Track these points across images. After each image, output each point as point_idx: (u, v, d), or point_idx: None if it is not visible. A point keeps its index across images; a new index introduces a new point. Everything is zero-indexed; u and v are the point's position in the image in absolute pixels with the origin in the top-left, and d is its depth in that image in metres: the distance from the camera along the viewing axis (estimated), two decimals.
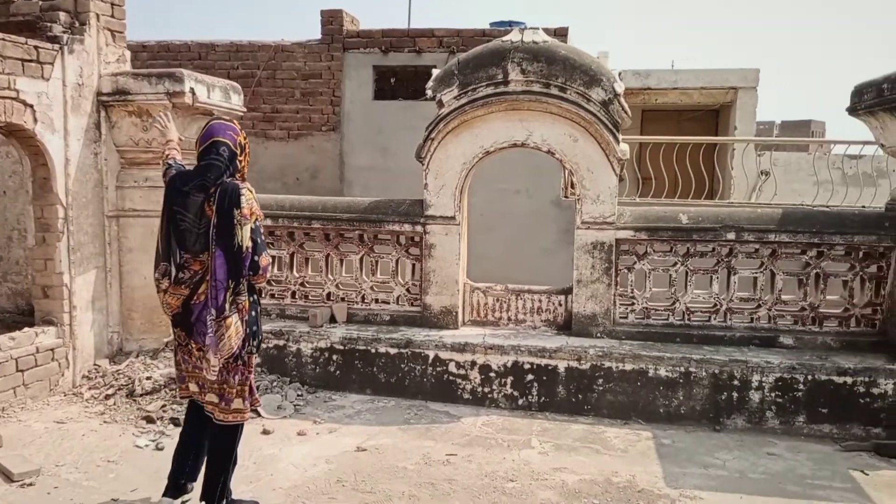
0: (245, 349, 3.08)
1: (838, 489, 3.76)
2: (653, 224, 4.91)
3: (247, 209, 2.98)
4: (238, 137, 3.11)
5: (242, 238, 2.95)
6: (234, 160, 3.06)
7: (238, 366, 3.09)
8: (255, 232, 3.01)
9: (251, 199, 3.03)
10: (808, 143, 10.19)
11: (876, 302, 4.74)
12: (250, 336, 3.10)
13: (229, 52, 8.30)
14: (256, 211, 3.05)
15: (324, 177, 8.20)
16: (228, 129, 3.13)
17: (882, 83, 4.38)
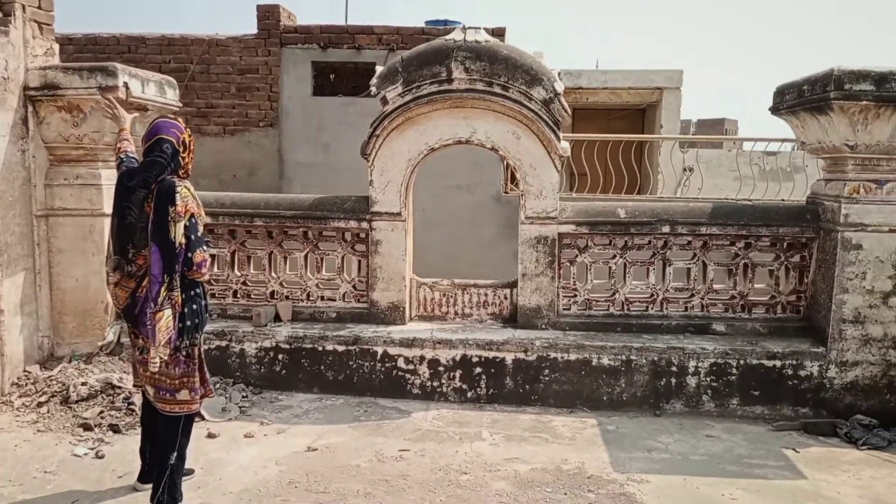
0: (184, 342, 3.16)
1: (773, 467, 4.00)
2: (593, 218, 5.07)
3: (181, 206, 3.06)
4: (182, 135, 3.21)
5: (175, 234, 3.03)
6: (176, 157, 3.16)
7: (179, 358, 3.17)
8: (190, 229, 3.09)
9: (187, 197, 3.10)
10: (738, 140, 10.66)
11: (800, 289, 5.04)
12: (191, 329, 3.17)
13: (160, 46, 8.03)
14: (192, 208, 3.12)
15: (262, 173, 8.05)
16: (173, 126, 3.23)
17: (802, 84, 4.65)
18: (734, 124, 22.66)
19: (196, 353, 3.24)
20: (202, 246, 3.14)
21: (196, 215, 3.13)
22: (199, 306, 3.21)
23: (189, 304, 3.15)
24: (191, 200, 3.11)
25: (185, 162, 3.23)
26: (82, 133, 4.87)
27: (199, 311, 3.23)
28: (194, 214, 3.12)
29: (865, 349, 4.62)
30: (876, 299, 4.58)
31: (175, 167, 3.16)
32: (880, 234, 4.52)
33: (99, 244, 5.00)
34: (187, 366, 3.20)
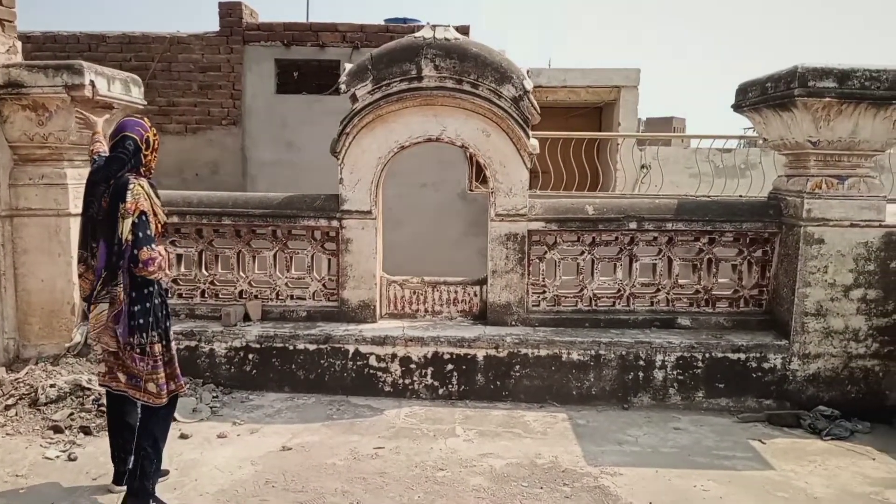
0: (136, 339, 3.15)
1: (741, 458, 4.10)
2: (562, 215, 5.12)
3: (130, 203, 3.09)
4: (146, 133, 3.27)
5: (122, 230, 3.07)
6: (137, 154, 3.21)
7: (133, 353, 3.17)
8: (139, 226, 3.09)
9: (139, 194, 3.12)
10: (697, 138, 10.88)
11: (762, 283, 5.17)
12: (143, 327, 3.15)
13: (121, 44, 7.83)
14: (143, 206, 3.12)
15: (225, 172, 7.92)
16: (137, 124, 3.30)
17: (766, 82, 4.77)
18: (682, 122, 23.11)
19: (155, 351, 3.22)
20: (150, 244, 3.11)
21: (147, 213, 3.13)
22: (151, 305, 3.18)
23: (141, 303, 3.15)
24: (142, 198, 3.12)
25: (148, 160, 3.28)
26: (48, 132, 4.73)
27: (153, 310, 3.19)
28: (145, 212, 3.12)
29: (827, 341, 4.77)
30: (837, 293, 4.73)
31: (136, 164, 3.21)
32: (841, 228, 4.67)
33: (65, 245, 4.87)
34: (145, 362, 3.19)
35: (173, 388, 3.34)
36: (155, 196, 3.27)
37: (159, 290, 3.26)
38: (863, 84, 4.38)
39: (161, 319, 3.25)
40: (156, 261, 3.12)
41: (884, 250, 4.71)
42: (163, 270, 3.21)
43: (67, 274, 4.93)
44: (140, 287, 3.16)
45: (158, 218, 3.26)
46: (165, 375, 3.27)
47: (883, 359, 4.78)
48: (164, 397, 3.27)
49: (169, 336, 3.32)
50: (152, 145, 3.30)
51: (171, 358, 3.32)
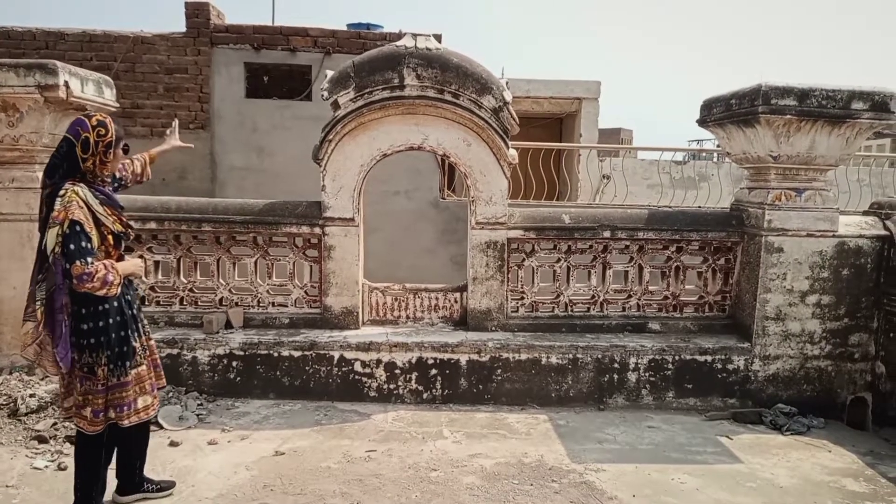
0: (84, 359, 2.94)
1: (712, 453, 4.36)
2: (540, 224, 5.31)
3: (58, 211, 2.80)
4: (85, 133, 2.91)
5: (47, 241, 2.82)
6: (71, 157, 2.89)
7: (79, 372, 2.96)
8: (70, 237, 2.78)
9: (70, 201, 2.81)
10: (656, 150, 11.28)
11: (725, 290, 5.48)
12: (94, 347, 2.94)
13: (81, 42, 7.64)
14: (75, 215, 2.80)
15: (193, 177, 7.82)
16: (77, 123, 2.96)
17: (730, 99, 5.07)
18: (629, 134, 23.82)
19: (102, 375, 2.95)
20: (84, 257, 2.77)
21: (81, 222, 2.80)
22: (105, 323, 2.93)
23: (93, 320, 2.91)
24: (75, 206, 2.80)
25: (89, 163, 2.91)
26: (18, 134, 4.64)
27: (105, 330, 2.94)
28: (77, 221, 2.79)
29: (785, 344, 5.09)
30: (795, 298, 5.06)
31: (72, 168, 2.89)
32: (799, 238, 5.01)
33: None
34: (91, 385, 2.95)
35: (112, 417, 3.02)
36: (99, 203, 2.91)
37: (120, 308, 3.00)
38: (820, 103, 4.71)
39: (113, 342, 2.96)
40: (94, 276, 2.77)
41: (836, 258, 5.06)
42: (111, 286, 2.84)
43: None
44: (91, 303, 2.90)
45: (108, 228, 2.94)
46: (104, 402, 2.97)
47: (835, 359, 5.14)
48: (97, 424, 2.98)
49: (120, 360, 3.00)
50: (94, 147, 2.90)
51: (120, 383, 3.01)
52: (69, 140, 2.91)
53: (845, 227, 5.10)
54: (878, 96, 4.73)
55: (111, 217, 2.98)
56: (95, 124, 2.95)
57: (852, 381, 5.16)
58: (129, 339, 3.04)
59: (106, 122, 2.99)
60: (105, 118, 3.02)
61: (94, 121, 2.96)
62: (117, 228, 3.00)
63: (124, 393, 3.02)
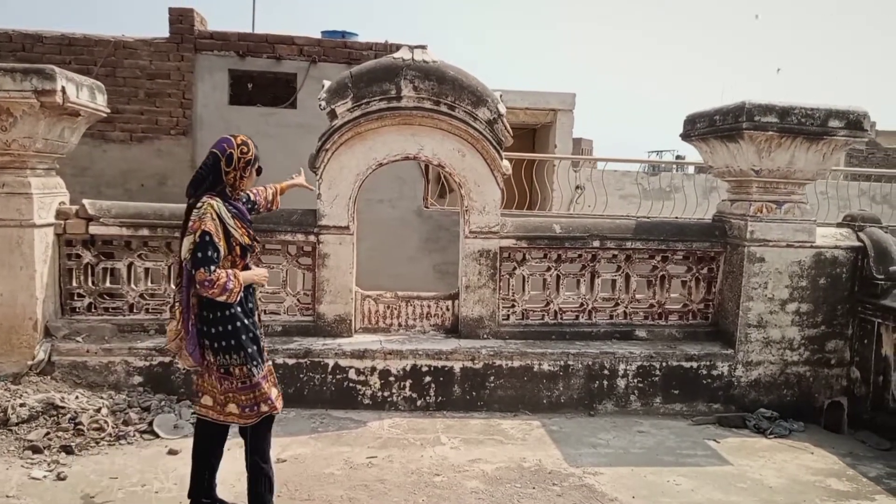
0: (218, 360, 3.14)
1: (702, 455, 4.51)
2: (531, 233, 5.41)
3: (192, 222, 3.04)
4: (230, 150, 3.14)
5: (182, 249, 3.06)
6: (216, 170, 3.12)
7: (219, 373, 3.16)
8: (199, 246, 3.00)
9: (205, 213, 3.03)
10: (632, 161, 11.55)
11: (708, 298, 5.66)
12: (225, 350, 3.11)
13: (60, 46, 7.50)
14: (207, 226, 3.00)
15: (173, 183, 7.72)
16: (223, 141, 3.19)
17: (714, 115, 5.27)
18: (589, 143, 24.26)
19: (240, 374, 3.14)
20: (208, 265, 2.97)
21: (210, 233, 3.00)
22: (233, 327, 3.10)
23: (218, 325, 3.09)
24: (208, 218, 3.01)
25: (230, 177, 3.15)
26: (11, 138, 4.55)
27: (234, 333, 3.10)
28: (208, 232, 2.99)
29: (767, 350, 5.29)
30: (775, 306, 5.27)
31: (216, 182, 3.12)
32: (779, 248, 5.22)
33: (28, 257, 4.69)
34: (230, 383, 3.16)
35: (265, 410, 3.25)
36: (231, 217, 3.11)
37: (245, 313, 3.17)
38: (800, 120, 4.94)
39: (242, 344, 3.13)
40: (215, 283, 2.96)
41: (814, 268, 5.29)
42: (231, 293, 3.02)
43: (30, 288, 4.75)
44: (219, 309, 3.08)
45: (236, 240, 3.13)
46: (253, 398, 3.19)
47: (813, 365, 5.36)
48: (247, 418, 3.21)
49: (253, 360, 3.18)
50: (236, 163, 3.14)
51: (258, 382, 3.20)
52: (215, 154, 3.14)
53: (822, 239, 5.34)
54: (853, 115, 4.98)
55: (240, 230, 3.18)
56: (240, 143, 3.20)
57: (829, 385, 5.38)
58: (257, 339, 3.25)
59: (248, 142, 3.23)
60: (247, 139, 3.25)
61: (238, 140, 3.21)
62: (244, 241, 3.21)
63: (263, 390, 3.23)
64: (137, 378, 4.91)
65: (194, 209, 3.06)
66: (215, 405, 3.24)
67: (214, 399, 3.23)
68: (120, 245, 5.20)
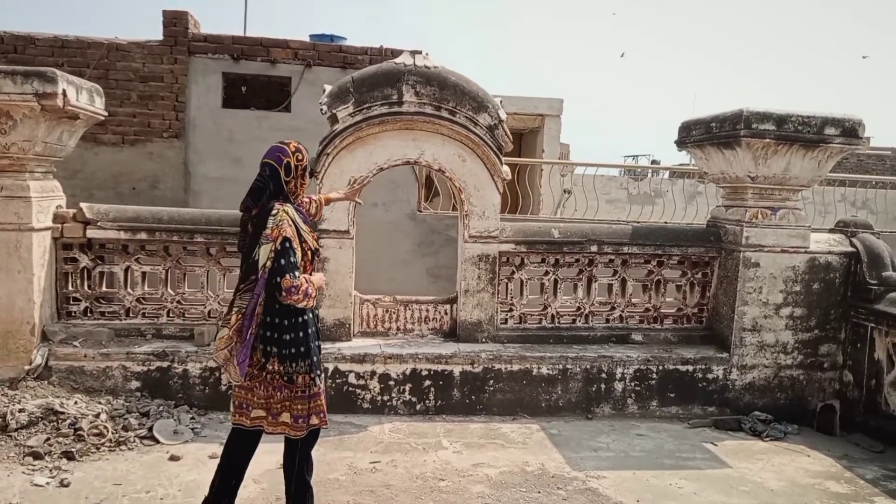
0: (287, 369, 3.08)
1: (700, 459, 4.56)
2: (530, 238, 5.45)
3: (270, 229, 2.99)
4: (287, 159, 3.13)
5: (260, 257, 2.98)
6: (276, 180, 3.09)
7: (281, 381, 3.10)
8: (281, 253, 2.97)
9: (282, 220, 3.00)
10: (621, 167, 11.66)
11: (703, 302, 5.73)
12: (294, 357, 3.08)
13: (52, 48, 7.42)
14: (287, 232, 2.99)
15: (165, 186, 7.67)
16: (278, 150, 3.17)
17: (710, 122, 5.34)
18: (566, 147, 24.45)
19: (303, 382, 3.11)
20: (292, 272, 2.95)
21: (290, 239, 2.99)
22: (304, 334, 3.10)
23: (290, 332, 3.07)
24: (286, 224, 2.99)
25: (291, 185, 3.15)
26: (10, 142, 4.50)
27: (305, 340, 3.10)
28: (288, 238, 2.98)
29: (761, 354, 5.37)
30: (770, 310, 5.34)
31: (277, 190, 3.09)
32: (774, 253, 5.30)
33: (26, 261, 4.64)
34: (291, 391, 3.10)
35: (315, 423, 3.19)
36: (302, 221, 3.13)
37: (314, 319, 3.19)
38: (796, 128, 5.02)
39: (311, 351, 3.13)
40: (300, 288, 2.96)
41: (808, 273, 5.38)
42: (310, 298, 3.03)
43: (27, 292, 4.70)
44: (293, 315, 3.07)
45: (308, 245, 3.14)
46: (307, 408, 3.14)
47: (806, 368, 5.44)
48: (299, 429, 3.15)
49: (317, 369, 3.17)
50: (294, 171, 3.14)
51: (317, 392, 3.17)
52: (272, 165, 3.11)
53: (816, 244, 5.43)
54: (849, 123, 5.08)
55: (311, 234, 3.20)
56: (294, 150, 3.18)
57: (822, 389, 5.47)
58: (320, 348, 3.25)
59: (302, 149, 3.23)
60: (300, 144, 3.24)
61: (292, 147, 3.18)
62: (314, 245, 3.22)
63: (320, 401, 3.19)
64: (135, 383, 4.86)
65: (270, 216, 2.99)
66: (268, 416, 3.14)
67: (268, 410, 3.13)
68: (117, 249, 5.16)
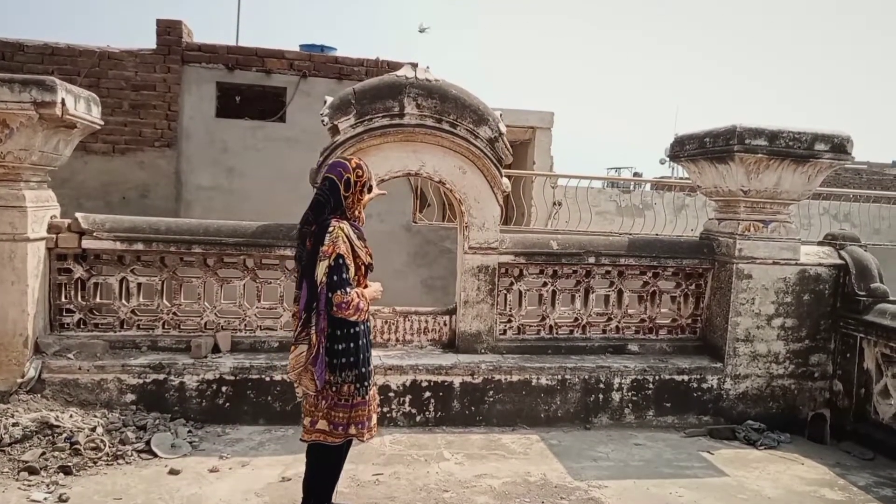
0: (337, 378, 3.18)
1: (698, 467, 4.62)
2: (529, 249, 5.50)
3: (327, 246, 3.08)
4: (346, 174, 3.23)
5: (318, 273, 3.08)
6: (336, 195, 3.20)
7: (328, 392, 3.20)
8: (334, 269, 3.07)
9: (337, 237, 3.09)
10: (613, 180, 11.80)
11: (696, 313, 5.81)
12: (344, 367, 3.18)
13: (42, 55, 7.35)
14: (340, 249, 3.08)
15: (156, 196, 7.61)
16: (339, 165, 3.30)
17: (704, 137, 5.44)
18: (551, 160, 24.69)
19: (347, 391, 3.21)
20: (344, 287, 3.06)
21: (343, 256, 3.08)
22: (356, 345, 3.20)
23: (345, 342, 3.17)
24: (341, 241, 3.08)
25: (349, 201, 3.23)
26: (6, 150, 4.44)
27: (355, 351, 3.20)
28: (341, 255, 3.07)
29: (754, 364, 5.46)
30: (762, 321, 5.44)
31: (337, 206, 3.19)
32: (766, 265, 5.40)
33: (20, 272, 4.58)
34: (336, 400, 3.20)
35: (354, 434, 3.26)
36: (357, 238, 3.21)
37: (365, 331, 3.26)
38: (787, 143, 5.14)
39: (362, 362, 3.22)
40: (350, 304, 3.07)
41: (798, 285, 5.49)
42: (362, 312, 3.14)
43: (21, 304, 4.64)
44: (345, 326, 3.16)
45: (361, 260, 3.22)
46: (347, 418, 3.22)
47: (797, 378, 5.54)
48: (336, 436, 3.23)
49: (363, 380, 3.25)
50: (353, 186, 3.23)
51: (365, 402, 3.27)
52: (332, 180, 3.22)
53: (806, 256, 5.55)
54: (837, 139, 5.21)
55: (365, 250, 3.28)
56: (355, 167, 3.28)
57: (813, 398, 5.57)
58: (370, 360, 3.33)
59: (362, 165, 3.32)
60: (361, 161, 3.36)
61: (353, 163, 3.30)
62: (367, 260, 3.29)
63: (364, 410, 3.27)
64: (130, 396, 4.81)
65: (326, 233, 3.09)
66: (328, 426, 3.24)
67: (329, 421, 3.23)
68: (112, 259, 5.11)
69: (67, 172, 7.45)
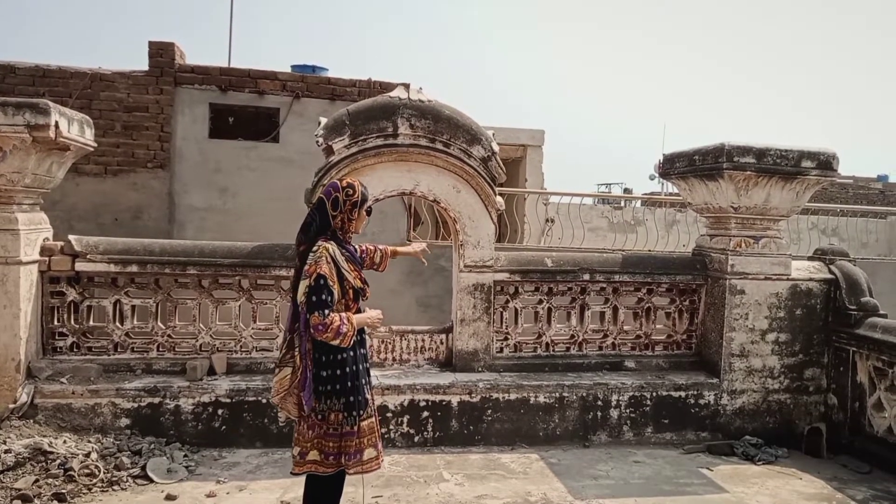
0: (321, 405, 3.08)
1: (699, 484, 4.61)
2: (524, 267, 5.51)
3: (308, 265, 3.03)
4: (336, 193, 3.18)
5: (298, 293, 3.05)
6: (323, 214, 3.16)
7: (313, 419, 3.10)
8: (314, 289, 2.99)
9: (320, 257, 3.03)
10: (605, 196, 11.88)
11: (691, 329, 5.84)
12: (329, 394, 3.07)
13: (34, 77, 7.34)
14: (322, 269, 3.00)
15: (148, 217, 7.58)
16: (331, 185, 3.26)
17: (693, 155, 5.50)
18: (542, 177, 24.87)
19: (334, 420, 3.09)
20: (322, 309, 2.96)
21: (325, 276, 2.99)
22: (342, 372, 3.08)
23: (328, 368, 3.06)
24: (323, 262, 3.01)
25: (337, 220, 3.17)
26: None
27: (342, 378, 3.08)
28: (322, 276, 2.98)
29: (749, 379, 5.48)
30: (756, 336, 5.48)
31: (324, 225, 3.14)
32: (758, 281, 5.45)
33: (12, 295, 4.54)
34: (325, 429, 3.09)
35: (343, 463, 3.13)
36: (345, 260, 3.12)
37: (355, 359, 3.14)
38: (775, 161, 5.20)
39: (351, 390, 3.10)
40: (329, 327, 2.95)
41: (791, 299, 5.54)
42: (345, 337, 3.00)
43: (13, 328, 4.60)
44: (331, 353, 3.06)
45: (349, 283, 3.12)
46: (337, 447, 3.10)
47: (793, 392, 5.57)
48: (327, 466, 3.11)
49: (352, 409, 3.11)
50: (342, 205, 3.15)
51: (357, 431, 3.13)
52: (321, 199, 3.19)
53: (797, 271, 5.60)
54: (823, 156, 5.28)
55: (353, 273, 3.18)
56: (345, 186, 3.22)
57: (808, 412, 5.59)
58: (362, 389, 3.18)
59: (354, 185, 3.25)
60: (354, 181, 3.29)
61: (344, 183, 3.25)
62: (357, 284, 3.19)
63: (351, 441, 3.13)
64: (125, 420, 4.76)
65: (310, 253, 3.05)
66: (298, 456, 3.14)
67: (320, 451, 3.11)
68: (106, 282, 5.08)
69: (59, 194, 7.42)
